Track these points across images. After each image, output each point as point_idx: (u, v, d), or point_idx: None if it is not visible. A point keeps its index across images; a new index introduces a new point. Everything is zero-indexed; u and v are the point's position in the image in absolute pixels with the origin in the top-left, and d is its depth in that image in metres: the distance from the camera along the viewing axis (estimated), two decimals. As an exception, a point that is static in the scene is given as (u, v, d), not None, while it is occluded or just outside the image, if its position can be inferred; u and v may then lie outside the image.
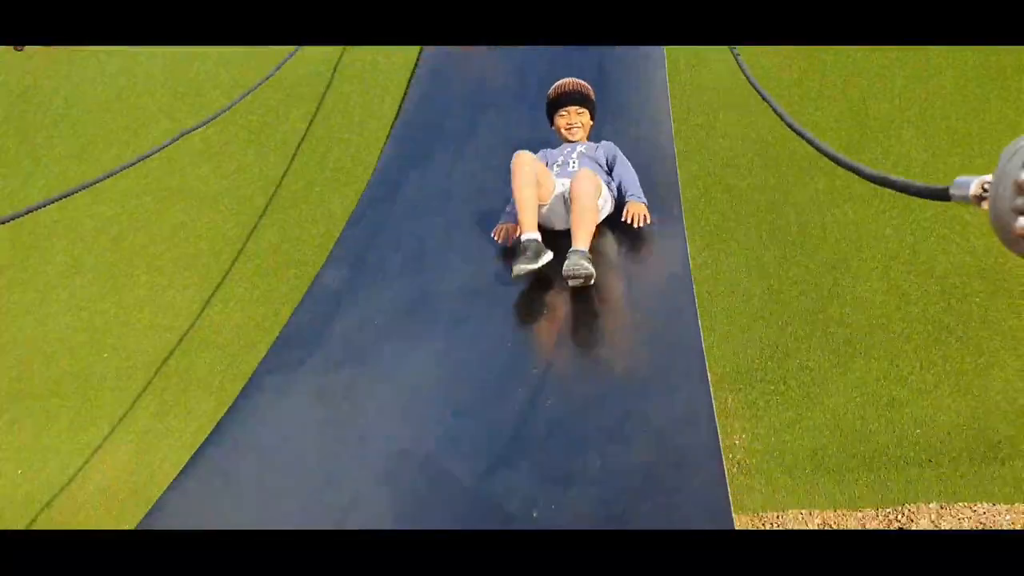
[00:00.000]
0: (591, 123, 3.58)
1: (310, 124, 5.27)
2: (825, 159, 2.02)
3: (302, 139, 5.19)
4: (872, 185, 3.16)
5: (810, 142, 1.95)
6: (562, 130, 3.53)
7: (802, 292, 3.75)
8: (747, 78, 3.38)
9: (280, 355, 3.08)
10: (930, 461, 3.19)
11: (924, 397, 3.34)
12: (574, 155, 3.41)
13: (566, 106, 3.51)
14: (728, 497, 1.99)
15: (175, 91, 5.77)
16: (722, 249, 4.01)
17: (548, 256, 3.00)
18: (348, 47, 5.64)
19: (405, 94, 5.16)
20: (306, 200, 4.83)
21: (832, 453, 3.27)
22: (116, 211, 5.02)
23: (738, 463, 3.35)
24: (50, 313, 4.62)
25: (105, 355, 4.39)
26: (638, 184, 3.30)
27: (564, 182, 3.24)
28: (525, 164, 3.12)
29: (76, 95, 5.93)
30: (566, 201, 3.19)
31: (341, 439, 2.58)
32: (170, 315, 4.44)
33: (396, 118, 5.00)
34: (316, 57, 5.63)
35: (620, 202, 3.29)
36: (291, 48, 5.17)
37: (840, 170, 4.04)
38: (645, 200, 3.24)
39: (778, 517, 3.17)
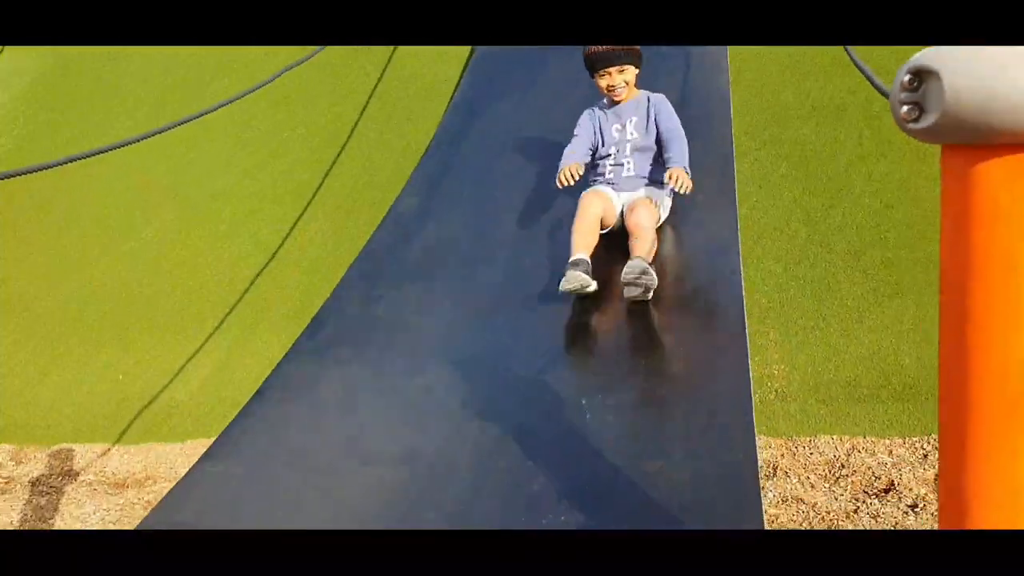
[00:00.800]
0: (637, 71, 3.36)
1: (379, 78, 5.56)
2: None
3: (371, 93, 5.49)
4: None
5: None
6: (605, 90, 3.35)
7: (844, 236, 3.94)
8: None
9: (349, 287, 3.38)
10: None
11: None
12: (627, 150, 3.32)
13: (604, 68, 3.28)
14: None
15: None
16: (770, 194, 4.21)
17: (594, 286, 2.94)
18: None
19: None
20: (378, 142, 5.14)
21: (865, 384, 3.48)
22: (199, 154, 5.39)
23: (776, 390, 3.59)
24: (142, 246, 5.03)
25: (191, 282, 4.79)
26: (684, 148, 3.21)
27: (621, 198, 3.24)
28: (592, 206, 3.12)
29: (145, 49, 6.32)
30: (623, 214, 3.21)
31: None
32: (253, 246, 4.80)
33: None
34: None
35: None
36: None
37: (886, 124, 4.22)
38: (687, 166, 3.16)
39: (810, 441, 3.41)
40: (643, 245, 2.97)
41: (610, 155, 3.33)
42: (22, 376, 4.61)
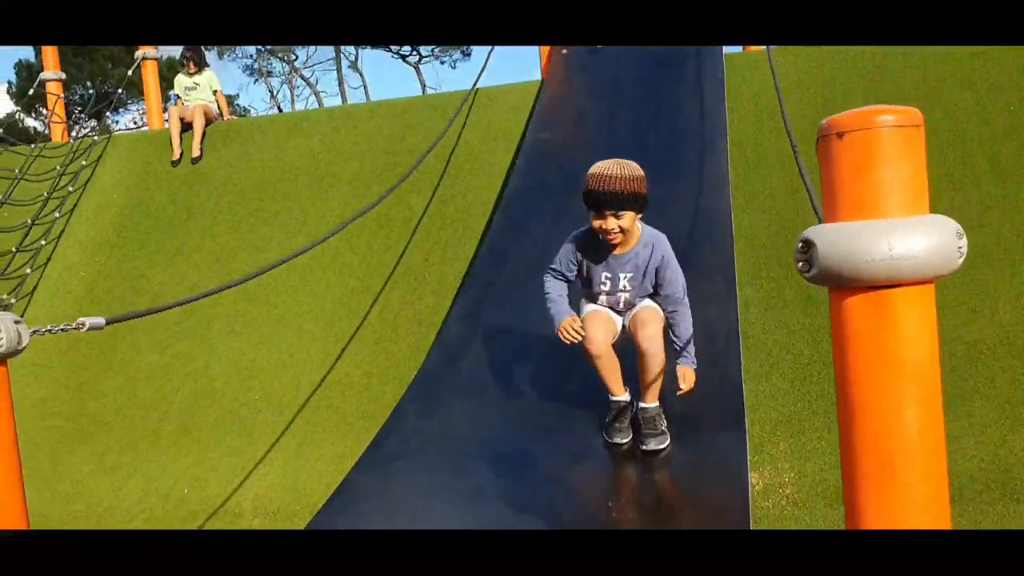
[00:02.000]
0: (637, 217, 3.03)
1: (427, 205, 6.19)
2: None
3: (420, 218, 6.10)
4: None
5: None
6: (598, 231, 3.00)
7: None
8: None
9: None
10: (952, 499, 3.74)
11: (950, 444, 3.90)
12: (620, 303, 3.17)
13: (601, 209, 2.94)
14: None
15: (314, 174, 6.80)
16: (776, 317, 4.67)
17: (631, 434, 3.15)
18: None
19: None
20: (424, 268, 5.71)
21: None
22: (267, 276, 5.99)
23: (787, 496, 3.96)
24: (216, 359, 5.58)
25: (257, 396, 5.30)
26: (690, 329, 3.08)
27: (623, 316, 3.19)
28: (597, 338, 3.03)
29: (232, 175, 7.04)
30: (625, 329, 3.17)
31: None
32: (312, 364, 5.33)
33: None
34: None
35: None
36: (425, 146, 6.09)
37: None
38: (695, 363, 3.05)
39: (820, 542, 3.75)
40: (657, 384, 3.03)
41: (603, 287, 3.16)
42: (104, 485, 5.09)
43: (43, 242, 6.91)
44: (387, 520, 3.01)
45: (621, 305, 3.15)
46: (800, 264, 1.36)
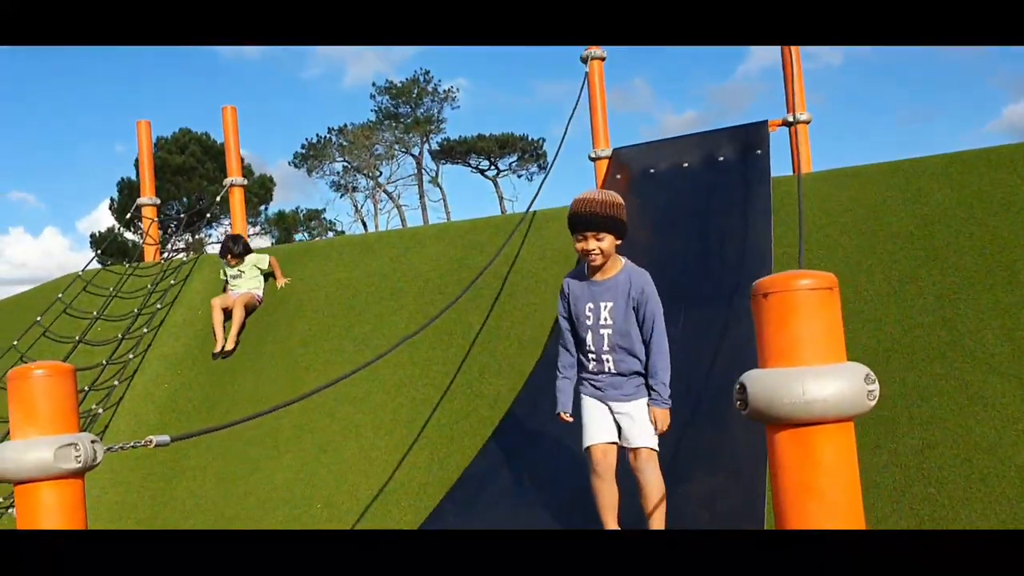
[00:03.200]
0: (616, 242, 3.32)
1: (481, 327, 6.48)
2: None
3: (477, 333, 6.39)
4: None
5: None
6: (581, 254, 3.33)
7: (890, 474, 4.38)
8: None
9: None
10: None
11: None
12: (604, 344, 3.34)
13: (581, 231, 3.26)
14: None
15: (383, 291, 7.19)
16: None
17: None
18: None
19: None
20: (477, 382, 5.95)
21: None
22: (332, 388, 6.31)
23: None
24: (280, 467, 5.87)
25: (319, 506, 5.54)
26: (667, 370, 3.28)
27: (613, 406, 3.37)
28: (603, 480, 3.35)
29: (309, 292, 7.51)
30: (616, 422, 3.38)
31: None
32: (370, 474, 5.56)
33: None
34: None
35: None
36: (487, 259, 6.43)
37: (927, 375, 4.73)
38: (670, 403, 3.30)
39: None
40: (660, 517, 3.30)
41: (591, 351, 3.37)
42: None
43: (131, 355, 7.43)
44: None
45: (609, 363, 3.34)
46: (737, 403, 1.56)
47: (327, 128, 44.68)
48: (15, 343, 7.54)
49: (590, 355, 3.39)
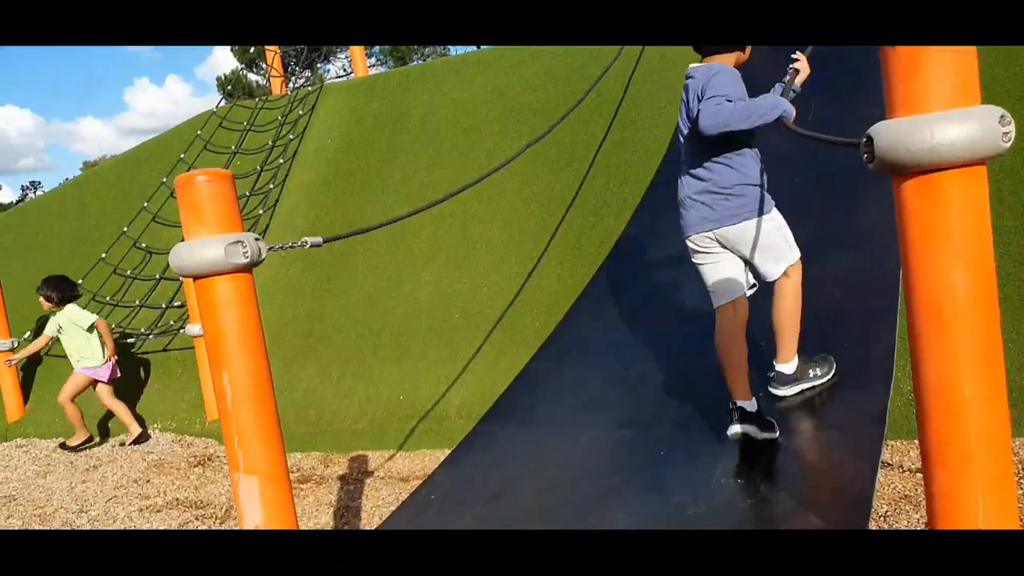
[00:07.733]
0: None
1: (604, 137, 6.42)
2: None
3: (597, 150, 6.36)
4: None
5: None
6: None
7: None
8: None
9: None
10: None
11: None
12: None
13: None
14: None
15: (502, 107, 7.20)
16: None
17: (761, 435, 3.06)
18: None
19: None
20: (603, 192, 5.99)
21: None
22: (462, 207, 6.51)
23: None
24: (420, 284, 6.20)
25: (456, 315, 5.85)
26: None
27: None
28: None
29: (429, 115, 7.60)
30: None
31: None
32: (503, 285, 5.80)
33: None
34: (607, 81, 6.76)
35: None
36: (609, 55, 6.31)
37: None
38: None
39: None
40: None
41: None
42: (331, 393, 5.86)
43: (271, 186, 7.81)
44: (557, 402, 3.44)
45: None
46: (865, 156, 1.55)
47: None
48: (163, 181, 8.05)
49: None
